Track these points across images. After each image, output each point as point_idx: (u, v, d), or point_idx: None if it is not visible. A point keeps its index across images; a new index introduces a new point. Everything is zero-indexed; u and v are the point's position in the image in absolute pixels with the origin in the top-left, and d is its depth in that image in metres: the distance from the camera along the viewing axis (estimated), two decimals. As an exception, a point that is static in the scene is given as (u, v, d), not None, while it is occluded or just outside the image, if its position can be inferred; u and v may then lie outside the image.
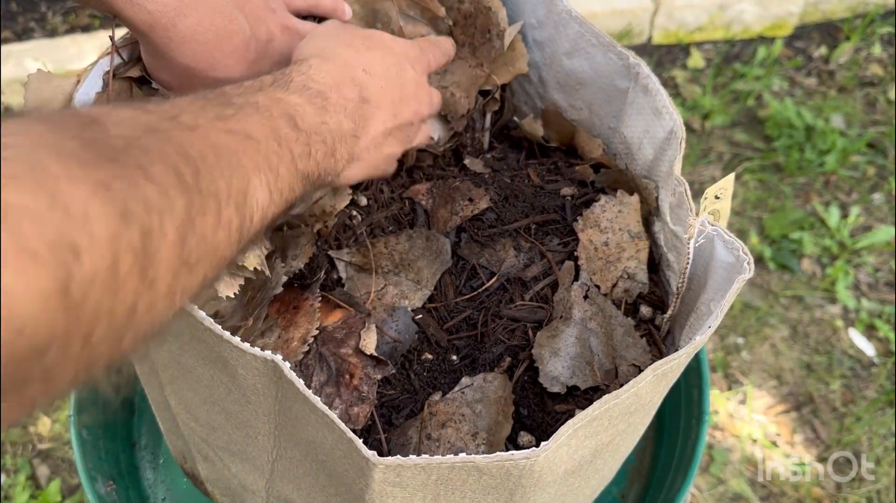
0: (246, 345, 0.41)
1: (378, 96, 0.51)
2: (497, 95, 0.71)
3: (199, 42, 0.51)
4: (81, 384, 0.28)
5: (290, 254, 0.59)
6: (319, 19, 0.65)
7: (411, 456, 0.40)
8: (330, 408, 0.45)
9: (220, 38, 0.52)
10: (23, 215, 0.23)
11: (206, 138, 0.35)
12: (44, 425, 1.23)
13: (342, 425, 0.40)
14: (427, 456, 0.41)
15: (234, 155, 0.36)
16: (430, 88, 0.59)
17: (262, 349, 0.42)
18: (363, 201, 0.65)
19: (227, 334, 0.41)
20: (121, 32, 0.55)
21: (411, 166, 0.69)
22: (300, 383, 0.41)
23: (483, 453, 0.51)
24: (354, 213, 0.64)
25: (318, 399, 0.40)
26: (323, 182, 0.47)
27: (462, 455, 0.41)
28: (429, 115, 0.59)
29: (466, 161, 0.69)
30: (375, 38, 0.54)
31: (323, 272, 0.59)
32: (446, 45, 0.64)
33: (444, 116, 0.70)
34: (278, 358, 0.41)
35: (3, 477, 1.19)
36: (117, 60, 0.55)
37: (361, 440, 0.41)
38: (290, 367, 0.41)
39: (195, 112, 0.36)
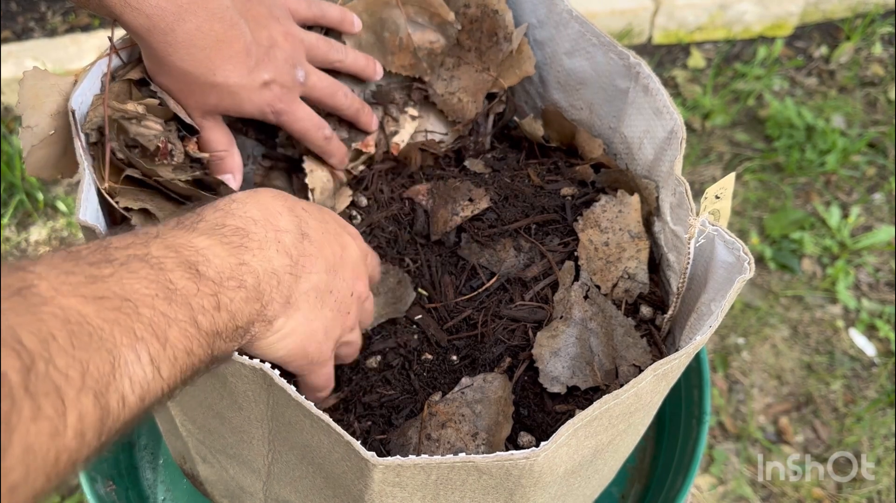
0: (234, 353, 0.41)
1: (318, 237, 0.44)
2: (503, 98, 0.71)
3: (197, 47, 0.50)
4: None
5: None
6: (326, 31, 0.64)
7: (411, 456, 0.40)
8: None
9: (220, 43, 0.51)
10: None
11: (60, 313, 0.29)
12: (43, 425, 1.23)
13: (338, 429, 0.40)
14: (426, 456, 0.40)
15: (99, 329, 0.30)
16: (369, 291, 0.52)
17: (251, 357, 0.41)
18: (363, 202, 0.65)
19: None
20: (120, 33, 0.55)
21: (409, 164, 0.68)
22: (291, 389, 0.40)
23: (483, 453, 0.51)
24: (354, 213, 0.64)
25: (312, 404, 0.40)
26: (249, 335, 0.40)
27: (462, 455, 0.40)
28: (363, 313, 0.52)
29: (466, 161, 0.69)
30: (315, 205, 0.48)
31: None
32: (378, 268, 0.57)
33: (451, 121, 0.69)
34: (267, 366, 0.40)
35: (3, 477, 1.19)
36: (116, 62, 0.55)
37: (360, 441, 0.41)
38: (280, 374, 0.41)
39: (58, 277, 0.30)
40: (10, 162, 1.48)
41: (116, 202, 0.50)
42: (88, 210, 0.47)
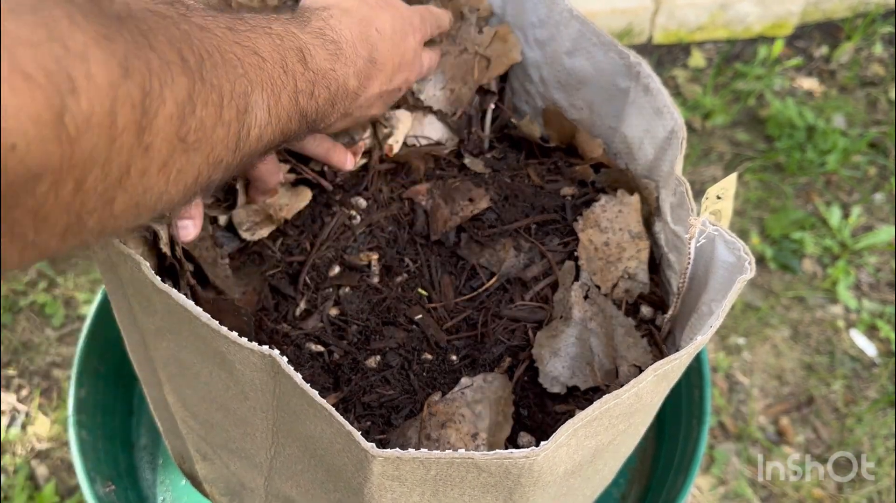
0: (243, 340, 0.41)
1: (384, 58, 0.52)
2: (494, 88, 0.71)
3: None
4: (71, 245, 0.29)
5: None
6: None
7: (410, 449, 0.40)
8: None
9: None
10: (19, 41, 0.24)
11: (214, 39, 0.34)
12: (42, 426, 1.23)
13: (340, 418, 0.40)
14: (426, 450, 0.40)
15: (240, 63, 0.35)
16: (422, 57, 0.60)
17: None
18: (362, 203, 0.65)
19: (224, 329, 0.41)
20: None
21: (410, 167, 0.68)
22: (298, 377, 0.40)
23: (483, 453, 0.51)
24: (353, 213, 0.64)
25: (316, 393, 0.40)
26: (315, 128, 0.47)
27: (461, 451, 0.40)
28: (417, 79, 0.62)
29: (466, 161, 0.69)
30: None
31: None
32: (444, 18, 0.65)
33: (451, 113, 0.69)
34: (276, 353, 0.41)
35: (3, 477, 1.19)
36: None
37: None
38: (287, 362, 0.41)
39: (206, 17, 0.35)
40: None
41: None
42: None
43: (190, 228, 0.57)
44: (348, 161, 0.65)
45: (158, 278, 0.42)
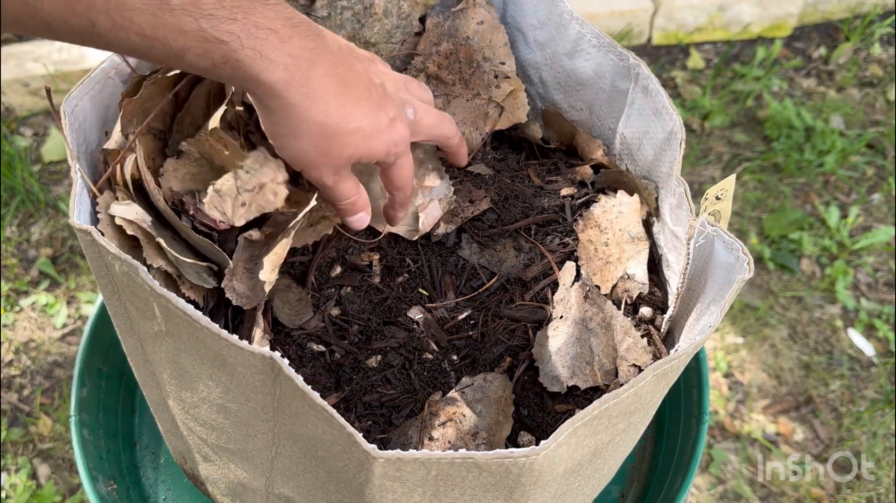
0: (244, 343, 0.41)
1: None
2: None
3: (330, 94, 0.47)
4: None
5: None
6: None
7: (411, 450, 0.41)
8: None
9: (347, 87, 0.48)
10: None
11: None
12: (45, 425, 1.24)
13: (341, 420, 0.40)
14: (427, 450, 0.41)
15: None
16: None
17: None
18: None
19: (224, 332, 0.41)
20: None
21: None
22: (299, 379, 0.41)
23: (483, 452, 0.51)
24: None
25: (317, 394, 0.40)
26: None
27: (462, 451, 0.41)
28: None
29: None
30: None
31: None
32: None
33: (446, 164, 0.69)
34: (276, 355, 0.41)
35: (4, 476, 1.19)
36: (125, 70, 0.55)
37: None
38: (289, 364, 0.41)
39: None
40: (11, 163, 1.48)
41: (108, 211, 0.49)
42: (82, 213, 0.47)
43: (364, 218, 0.57)
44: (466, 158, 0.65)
45: (157, 282, 0.42)
